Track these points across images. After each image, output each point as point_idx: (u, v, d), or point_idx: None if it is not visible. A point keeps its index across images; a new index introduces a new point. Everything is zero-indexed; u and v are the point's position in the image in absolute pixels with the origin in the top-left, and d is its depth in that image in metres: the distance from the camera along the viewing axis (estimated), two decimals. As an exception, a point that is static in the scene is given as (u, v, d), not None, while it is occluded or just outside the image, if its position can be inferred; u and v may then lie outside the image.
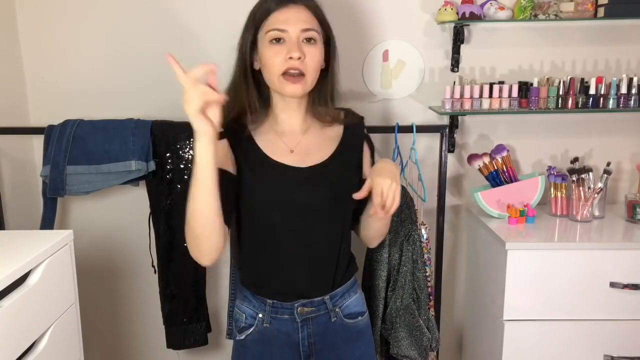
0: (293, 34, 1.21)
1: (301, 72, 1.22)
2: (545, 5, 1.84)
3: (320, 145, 1.31)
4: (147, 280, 2.06)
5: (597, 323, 1.70)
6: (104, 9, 1.94)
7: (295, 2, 1.24)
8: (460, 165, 2.06)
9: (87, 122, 1.84)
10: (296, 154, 1.29)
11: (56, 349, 1.33)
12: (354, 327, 1.36)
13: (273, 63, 1.22)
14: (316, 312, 1.32)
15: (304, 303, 1.31)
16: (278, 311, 1.31)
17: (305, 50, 1.22)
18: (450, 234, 2.11)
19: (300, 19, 1.22)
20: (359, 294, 1.40)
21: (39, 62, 1.98)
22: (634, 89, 1.83)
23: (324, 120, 1.33)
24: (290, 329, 1.32)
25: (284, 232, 1.27)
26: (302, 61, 1.21)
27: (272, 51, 1.22)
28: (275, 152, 1.28)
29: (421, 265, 1.72)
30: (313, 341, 1.33)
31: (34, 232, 1.49)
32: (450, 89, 1.85)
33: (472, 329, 2.08)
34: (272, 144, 1.29)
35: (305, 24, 1.22)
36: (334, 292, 1.33)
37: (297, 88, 1.23)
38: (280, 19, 1.22)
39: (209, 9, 1.94)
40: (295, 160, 1.28)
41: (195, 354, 2.14)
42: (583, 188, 1.83)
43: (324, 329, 1.33)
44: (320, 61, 1.26)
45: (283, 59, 1.21)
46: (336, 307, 1.34)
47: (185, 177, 1.82)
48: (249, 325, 1.33)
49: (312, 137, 1.32)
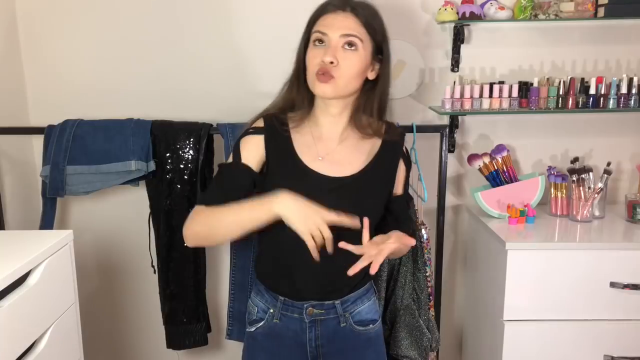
0: (333, 38, 1.23)
1: (331, 75, 1.22)
2: (546, 5, 1.84)
3: (353, 158, 1.31)
4: (147, 280, 2.05)
5: (598, 323, 1.70)
6: (104, 9, 1.93)
7: (344, 8, 1.25)
8: (460, 165, 2.06)
9: (87, 122, 1.84)
10: (326, 162, 1.29)
11: (56, 349, 1.33)
12: (364, 334, 1.35)
13: (311, 63, 1.25)
14: (325, 315, 1.32)
15: (314, 305, 1.31)
16: (288, 309, 1.32)
17: (342, 56, 1.22)
18: (450, 234, 2.11)
19: (344, 25, 1.24)
20: (372, 302, 1.39)
21: (39, 62, 1.98)
22: (634, 89, 1.83)
23: (364, 132, 1.32)
24: (299, 328, 1.32)
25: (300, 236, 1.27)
26: (334, 66, 1.22)
27: (312, 52, 1.25)
28: (307, 156, 1.29)
29: (421, 265, 1.71)
30: (320, 343, 1.33)
31: (34, 232, 1.50)
32: (450, 89, 1.85)
33: (472, 329, 2.08)
34: (307, 147, 1.30)
35: (347, 29, 1.23)
36: (345, 298, 1.33)
37: (326, 88, 1.23)
38: (325, 22, 1.25)
39: (209, 9, 1.94)
40: (324, 168, 1.28)
41: (195, 354, 2.14)
42: (583, 188, 1.83)
43: (332, 332, 1.33)
44: (359, 67, 1.25)
45: (319, 60, 1.23)
46: (346, 313, 1.33)
47: (185, 177, 1.82)
48: (260, 319, 1.35)
49: (347, 147, 1.32)
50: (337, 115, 1.31)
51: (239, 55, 1.95)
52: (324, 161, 1.29)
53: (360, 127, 1.32)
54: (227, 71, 1.97)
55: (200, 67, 1.97)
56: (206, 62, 1.97)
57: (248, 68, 1.95)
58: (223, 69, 1.98)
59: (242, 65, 1.96)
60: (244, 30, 1.95)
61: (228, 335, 1.91)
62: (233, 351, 2.14)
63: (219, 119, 1.89)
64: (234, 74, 1.96)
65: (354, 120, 1.32)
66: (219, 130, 1.83)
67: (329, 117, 1.31)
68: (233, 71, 1.96)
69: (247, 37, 1.95)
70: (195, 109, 1.97)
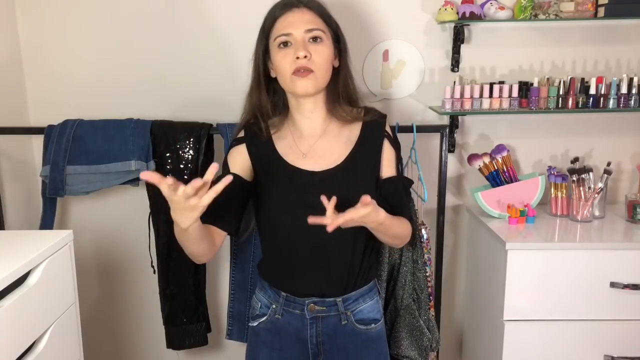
0: (298, 35, 1.25)
1: (309, 69, 1.24)
2: (546, 5, 1.84)
3: (335, 148, 1.32)
4: (147, 280, 2.06)
5: (598, 323, 1.70)
6: (104, 9, 1.93)
7: (297, 5, 1.28)
8: (460, 165, 2.06)
9: (87, 122, 1.84)
10: (310, 158, 1.30)
11: (56, 349, 1.33)
12: (365, 333, 1.35)
13: (283, 65, 1.26)
14: (327, 312, 1.33)
15: (316, 301, 1.32)
16: (290, 305, 1.34)
17: (311, 49, 1.24)
18: (450, 234, 2.11)
19: (304, 20, 1.26)
20: (375, 301, 1.39)
21: (39, 62, 1.98)
22: (634, 89, 1.83)
23: (343, 119, 1.33)
24: (300, 324, 1.33)
25: (296, 234, 1.29)
26: (309, 59, 1.24)
27: (280, 55, 1.26)
28: (291, 156, 1.31)
29: (421, 265, 1.71)
30: (322, 340, 1.34)
31: (34, 232, 1.49)
32: (451, 89, 1.85)
33: (472, 329, 2.08)
34: (289, 148, 1.32)
35: (309, 24, 1.26)
36: (347, 295, 1.33)
37: (308, 83, 1.25)
38: (284, 23, 1.26)
39: (209, 9, 1.93)
40: (309, 164, 1.30)
41: (195, 354, 2.14)
42: (583, 188, 1.83)
43: (333, 330, 1.34)
44: (329, 58, 1.28)
45: (291, 61, 1.24)
46: (348, 311, 1.33)
47: (185, 177, 1.82)
48: (262, 314, 1.37)
49: (328, 139, 1.33)
50: (313, 111, 1.32)
51: (238, 55, 1.95)
52: (308, 158, 1.31)
53: (338, 115, 1.33)
54: (227, 71, 1.97)
55: (200, 67, 1.97)
56: (206, 62, 1.97)
57: (248, 68, 1.94)
58: (223, 69, 1.97)
59: (242, 65, 1.95)
60: (244, 30, 1.94)
61: (228, 335, 1.92)
62: (233, 351, 2.15)
63: (219, 119, 1.89)
64: (233, 74, 1.96)
65: (331, 111, 1.33)
66: (219, 130, 1.83)
67: (305, 114, 1.33)
68: (233, 71, 1.96)
69: (247, 37, 1.94)
70: (195, 109, 1.97)
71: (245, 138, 1.34)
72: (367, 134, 1.34)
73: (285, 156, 1.31)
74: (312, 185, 1.27)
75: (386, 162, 1.35)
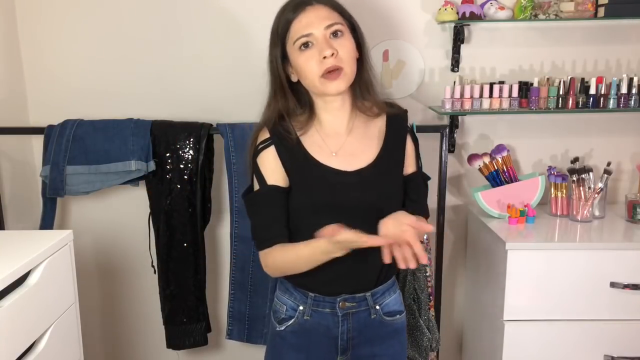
0: (318, 34, 1.21)
1: (339, 67, 1.21)
2: (546, 5, 1.84)
3: (365, 146, 1.30)
4: (147, 280, 2.06)
5: (598, 323, 1.70)
6: (104, 9, 1.93)
7: (310, 3, 1.24)
8: (460, 165, 2.06)
9: (87, 122, 1.84)
10: (341, 156, 1.28)
11: (56, 349, 1.33)
12: (391, 325, 1.37)
13: (309, 68, 1.22)
14: (357, 307, 1.32)
15: (346, 298, 1.31)
16: (320, 304, 1.32)
17: (336, 45, 1.21)
18: (450, 234, 2.11)
19: (321, 17, 1.22)
20: (397, 294, 1.40)
21: (39, 62, 1.98)
22: (634, 89, 1.83)
23: (370, 113, 1.32)
24: (331, 322, 1.32)
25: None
26: (336, 57, 1.21)
27: (304, 57, 1.22)
28: (321, 155, 1.28)
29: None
30: (352, 336, 1.34)
31: (34, 232, 1.50)
32: (450, 89, 1.85)
33: (472, 329, 2.08)
34: (318, 147, 1.29)
35: (327, 20, 1.22)
36: (375, 290, 1.34)
37: (340, 83, 1.22)
38: (301, 24, 1.22)
39: (208, 9, 1.94)
40: (340, 163, 1.28)
41: (195, 354, 2.14)
42: (583, 188, 1.83)
43: (363, 324, 1.34)
44: (353, 50, 1.25)
45: (318, 62, 1.21)
46: (376, 304, 1.34)
47: (185, 177, 1.82)
48: (289, 317, 1.34)
49: (356, 137, 1.31)
50: (340, 108, 1.30)
51: (238, 55, 1.95)
52: (338, 156, 1.28)
53: (364, 110, 1.32)
54: (227, 71, 1.97)
55: (200, 67, 1.97)
56: (206, 62, 1.97)
57: (248, 68, 1.94)
58: (223, 69, 1.98)
59: (242, 65, 1.96)
60: (243, 30, 1.95)
61: (228, 335, 1.92)
62: (233, 351, 2.15)
63: (219, 119, 1.90)
64: (233, 74, 1.96)
65: (357, 106, 1.32)
66: (219, 130, 1.84)
67: (332, 112, 1.30)
68: (233, 71, 1.96)
69: (247, 37, 1.95)
70: (195, 109, 1.97)
71: (273, 139, 1.28)
72: (392, 129, 1.33)
73: (314, 154, 1.28)
74: (347, 185, 1.26)
75: (409, 158, 1.35)
